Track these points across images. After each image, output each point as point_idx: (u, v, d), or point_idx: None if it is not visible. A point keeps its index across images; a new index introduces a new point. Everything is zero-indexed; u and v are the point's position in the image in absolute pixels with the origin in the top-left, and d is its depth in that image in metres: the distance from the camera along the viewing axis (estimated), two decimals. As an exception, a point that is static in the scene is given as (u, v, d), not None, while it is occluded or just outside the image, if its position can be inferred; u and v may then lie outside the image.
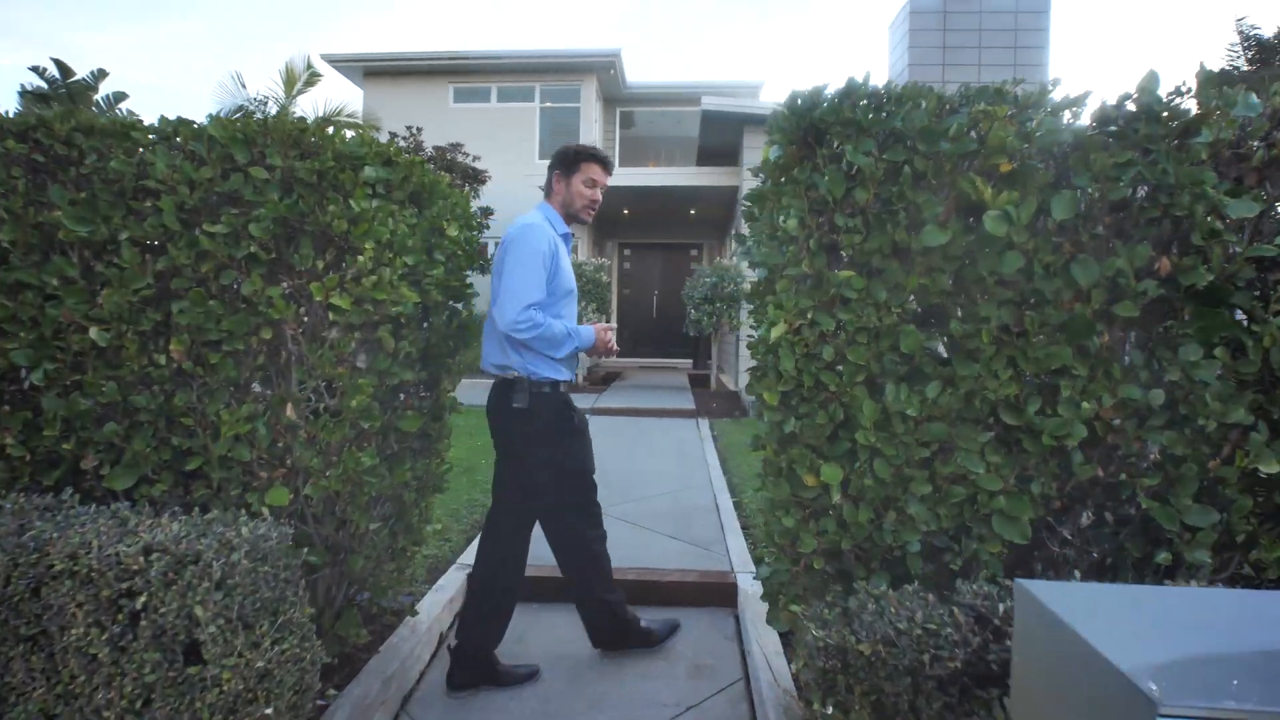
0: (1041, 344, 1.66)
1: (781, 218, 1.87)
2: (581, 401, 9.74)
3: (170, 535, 1.74)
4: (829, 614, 1.58)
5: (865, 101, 1.72)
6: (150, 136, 2.09)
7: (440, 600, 3.24)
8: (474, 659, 2.67)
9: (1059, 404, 1.70)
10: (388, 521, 2.60)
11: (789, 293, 1.79)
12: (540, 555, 3.68)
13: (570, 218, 2.64)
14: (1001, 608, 1.50)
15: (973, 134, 1.66)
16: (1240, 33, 14.47)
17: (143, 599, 1.67)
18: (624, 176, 11.64)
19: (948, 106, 1.71)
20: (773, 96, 15.26)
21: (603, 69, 14.26)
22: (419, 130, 11.74)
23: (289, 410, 2.08)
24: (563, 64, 14.09)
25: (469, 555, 3.79)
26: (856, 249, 1.71)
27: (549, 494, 2.63)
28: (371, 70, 14.72)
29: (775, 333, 1.75)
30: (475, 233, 2.91)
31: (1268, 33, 13.76)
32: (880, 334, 1.72)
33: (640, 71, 21.13)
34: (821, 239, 1.73)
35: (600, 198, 2.66)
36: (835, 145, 1.73)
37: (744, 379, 10.48)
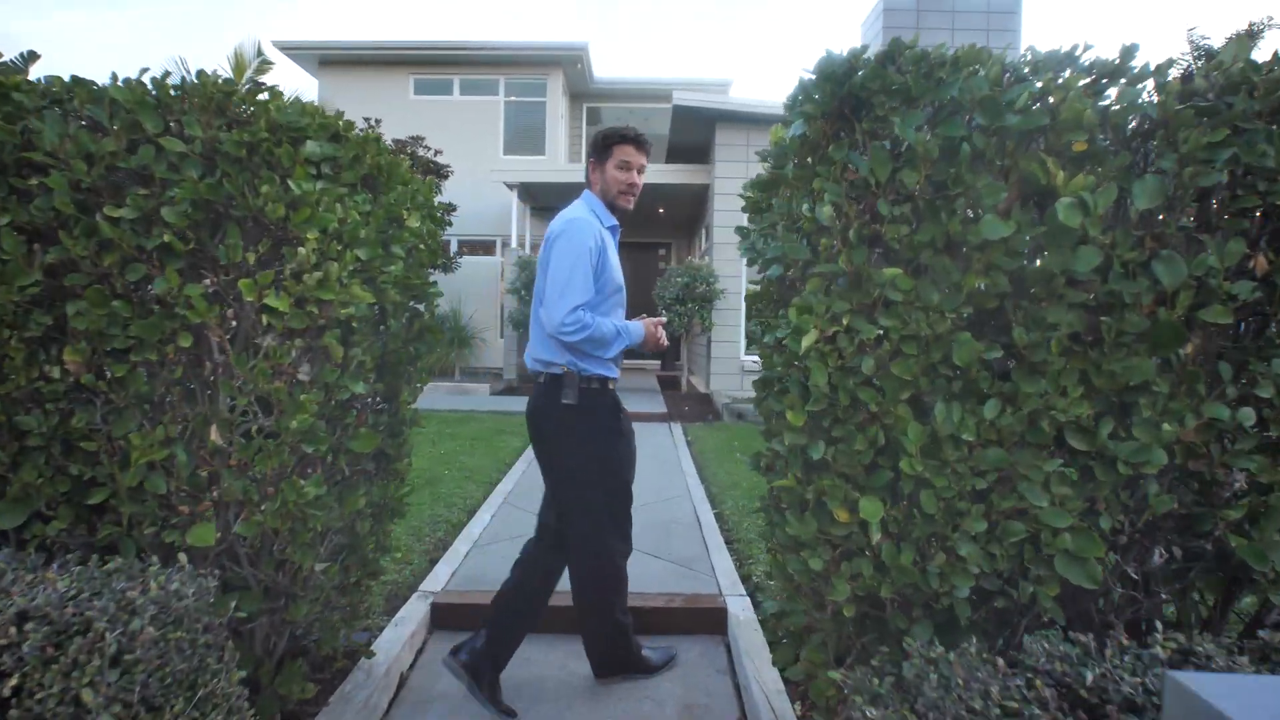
0: (1120, 356, 1.41)
1: (805, 206, 1.59)
2: (549, 405, 9.37)
3: (53, 597, 1.38)
4: (880, 685, 1.30)
5: (914, 66, 1.44)
6: (39, 100, 1.71)
7: (399, 637, 2.88)
8: (496, 651, 2.56)
9: (1134, 426, 1.46)
10: (338, 556, 2.25)
11: (819, 294, 1.50)
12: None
13: (611, 207, 2.48)
14: (1089, 675, 1.24)
15: (1040, 106, 1.40)
16: (1191, 43, 14.80)
17: (14, 681, 1.30)
18: (591, 173, 11.31)
19: (1010, 75, 1.44)
20: (742, 94, 15.08)
21: (570, 63, 13.90)
22: (377, 122, 11.22)
23: (213, 433, 1.73)
24: (528, 57, 13.69)
25: (432, 581, 3.44)
26: (903, 242, 1.43)
27: (586, 493, 2.46)
28: (327, 59, 14.12)
29: (806, 342, 1.46)
30: (439, 225, 2.58)
31: (1217, 43, 14.08)
32: (930, 343, 1.45)
33: (607, 67, 20.76)
34: (861, 230, 1.45)
35: (638, 180, 2.48)
36: (878, 118, 1.45)
37: (715, 381, 10.27)
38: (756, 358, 9.95)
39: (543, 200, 12.94)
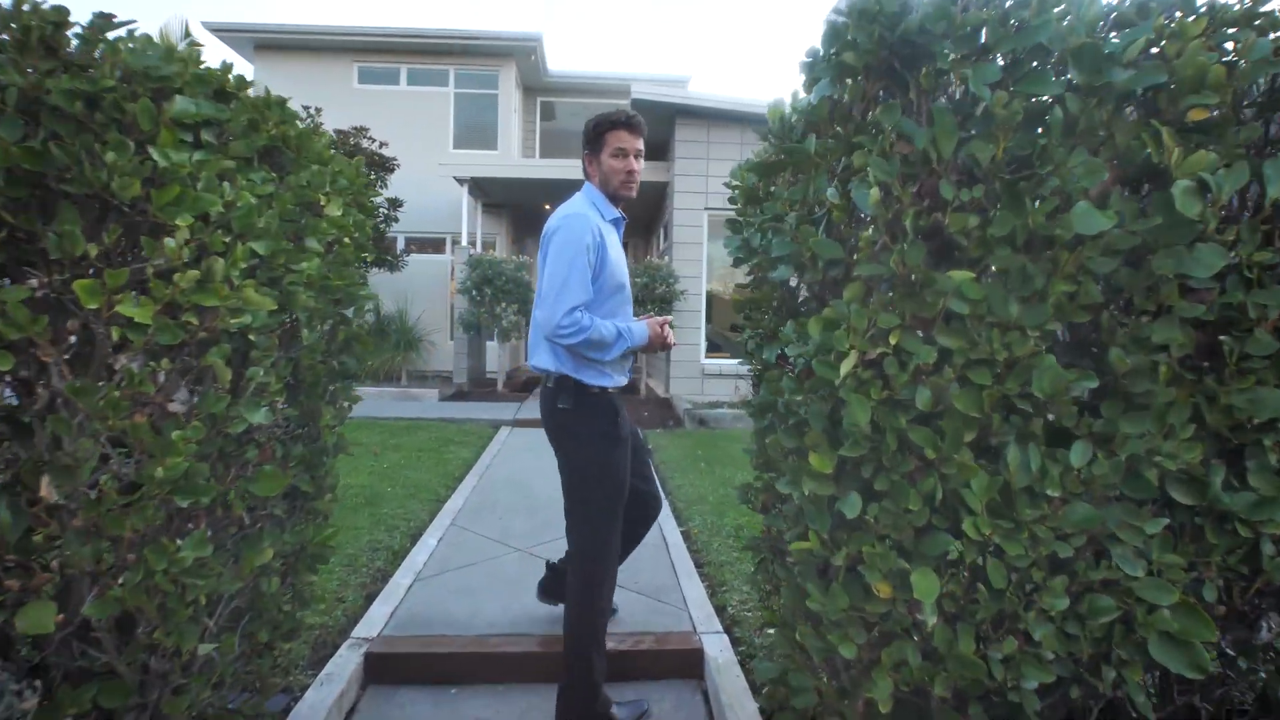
0: (1244, 385, 1.09)
1: (831, 190, 1.24)
2: (501, 412, 8.94)
3: None
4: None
5: (986, 6, 1.10)
6: None
7: (324, 699, 2.44)
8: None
9: (1251, 473, 1.15)
10: (238, 623, 1.81)
11: (860, 303, 1.15)
12: (465, 623, 2.95)
13: (613, 198, 2.36)
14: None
15: (1151, 60, 1.07)
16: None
17: None
18: (545, 169, 10.94)
19: (1110, 20, 1.11)
20: (701, 89, 14.76)
21: (523, 54, 13.42)
22: (318, 111, 10.56)
23: (44, 486, 1.28)
24: (479, 46, 13.15)
25: (366, 626, 2.98)
26: (973, 237, 1.09)
27: (586, 496, 2.36)
28: (264, 43, 13.34)
29: (844, 367, 1.11)
30: (371, 216, 2.16)
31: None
32: (1006, 370, 1.11)
33: (562, 61, 20.17)
34: (918, 220, 1.11)
35: (636, 166, 2.34)
36: (940, 72, 1.11)
37: (675, 385, 9.94)
38: (718, 361, 9.62)
39: (495, 196, 12.42)
